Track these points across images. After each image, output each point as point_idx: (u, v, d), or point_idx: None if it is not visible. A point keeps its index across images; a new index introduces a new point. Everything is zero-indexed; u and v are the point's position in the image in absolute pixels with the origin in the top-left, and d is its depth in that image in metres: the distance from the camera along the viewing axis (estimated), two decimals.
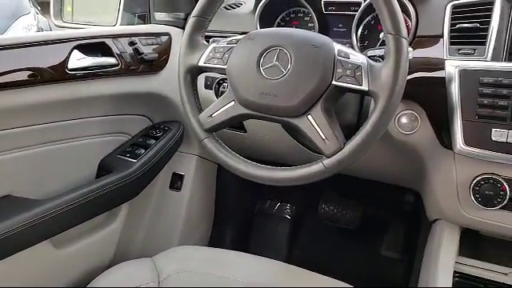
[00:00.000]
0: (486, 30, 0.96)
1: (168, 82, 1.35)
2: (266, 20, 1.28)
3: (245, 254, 1.11)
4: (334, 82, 0.86)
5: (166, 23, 1.42)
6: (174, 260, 1.07)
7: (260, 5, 1.26)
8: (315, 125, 0.87)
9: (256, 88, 0.90)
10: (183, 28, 1.35)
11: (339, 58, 0.86)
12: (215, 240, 1.75)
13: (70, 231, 1.19)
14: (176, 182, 1.57)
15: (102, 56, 1.21)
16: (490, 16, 0.97)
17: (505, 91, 0.91)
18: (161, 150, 1.39)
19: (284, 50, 0.89)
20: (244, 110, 0.93)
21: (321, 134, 0.87)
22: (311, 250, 1.88)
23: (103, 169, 1.32)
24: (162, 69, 1.36)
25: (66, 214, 1.12)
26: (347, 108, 1.09)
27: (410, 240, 1.66)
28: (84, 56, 1.16)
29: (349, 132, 0.89)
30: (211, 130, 0.98)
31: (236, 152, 0.99)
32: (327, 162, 0.87)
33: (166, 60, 1.37)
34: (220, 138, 1.00)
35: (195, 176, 1.57)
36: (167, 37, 1.37)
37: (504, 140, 0.92)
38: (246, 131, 1.35)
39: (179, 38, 1.31)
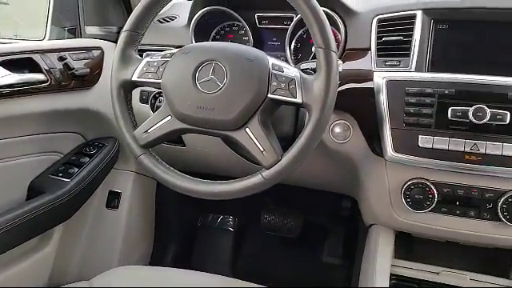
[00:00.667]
0: (409, 42, 1.02)
1: (101, 97, 1.31)
2: (201, 33, 1.28)
3: (186, 270, 1.09)
4: (269, 95, 0.87)
5: (98, 37, 1.38)
6: (113, 282, 1.03)
7: (194, 18, 1.26)
8: (253, 137, 0.88)
9: (192, 102, 0.89)
10: (116, 42, 1.32)
11: (273, 71, 0.88)
12: (157, 258, 1.70)
13: None
14: (113, 200, 1.52)
15: (30, 72, 1.16)
16: (412, 29, 1.03)
17: (428, 100, 0.97)
18: (95, 167, 1.34)
19: (219, 63, 0.89)
20: (181, 125, 0.92)
21: (259, 146, 0.88)
22: (255, 261, 1.89)
23: (34, 190, 1.25)
24: (94, 84, 1.32)
25: None
26: (283, 120, 1.11)
27: (350, 245, 1.71)
28: (9, 73, 1.10)
29: (286, 143, 0.91)
30: (147, 146, 0.96)
31: (175, 167, 0.98)
32: (266, 173, 0.88)
33: (99, 75, 1.33)
34: (157, 153, 0.98)
35: (133, 193, 1.53)
36: (99, 51, 1.34)
37: (430, 146, 0.98)
38: (184, 145, 1.34)
39: (112, 52, 1.28)
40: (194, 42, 1.26)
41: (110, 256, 1.49)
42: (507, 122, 0.92)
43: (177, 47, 0.99)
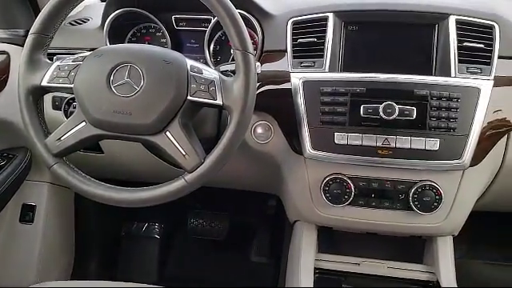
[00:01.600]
0: (323, 44, 1.06)
1: (8, 104, 1.22)
2: (116, 36, 1.24)
3: (110, 282, 1.05)
4: (189, 98, 0.86)
5: (3, 41, 1.29)
6: None
7: (108, 20, 1.21)
8: (174, 141, 0.87)
9: (108, 106, 0.86)
10: (23, 45, 1.24)
11: (192, 73, 0.88)
12: (79, 272, 1.62)
13: None
14: (27, 213, 1.43)
15: None
16: (324, 31, 1.07)
17: (341, 99, 1.02)
18: (6, 180, 1.25)
19: (135, 66, 0.87)
20: (96, 131, 0.89)
21: (180, 149, 0.87)
22: (183, 267, 1.86)
23: None
24: (0, 91, 1.22)
25: None
26: (206, 122, 1.11)
27: (277, 243, 1.75)
28: None
29: (210, 145, 0.91)
30: (61, 155, 0.91)
31: (93, 175, 0.93)
32: (189, 177, 0.87)
33: (5, 81, 1.24)
34: (73, 161, 0.94)
35: (49, 205, 1.45)
36: (5, 55, 1.25)
37: (345, 142, 1.02)
38: (102, 152, 1.29)
39: (18, 57, 1.19)
40: (108, 44, 1.21)
41: (25, 273, 1.40)
42: (414, 117, 0.99)
43: (90, 50, 0.95)
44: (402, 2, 1.07)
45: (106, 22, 1.21)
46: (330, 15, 1.07)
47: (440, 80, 1.00)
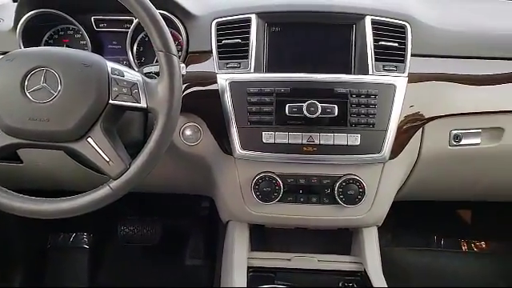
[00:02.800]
0: (247, 44, 1.08)
1: None
2: (32, 38, 1.17)
3: None
4: (111, 101, 0.84)
5: None
6: None
7: (21, 22, 1.14)
8: (96, 147, 0.84)
9: (23, 114, 0.81)
10: None
11: (113, 76, 0.85)
12: (2, 285, 1.52)
13: None
14: None
15: None
16: (248, 32, 1.08)
17: (267, 99, 1.04)
18: None
19: (51, 70, 0.83)
20: (12, 140, 0.84)
21: (104, 156, 0.84)
22: (116, 275, 1.81)
23: None
24: None
25: None
26: (131, 126, 1.08)
27: (211, 244, 1.74)
28: None
29: (137, 149, 0.89)
30: None
31: (12, 187, 0.88)
32: (114, 184, 0.85)
33: None
34: None
35: None
36: None
37: (273, 141, 1.04)
38: (21, 161, 1.21)
39: None
40: (22, 47, 1.14)
41: None
42: (335, 114, 1.03)
43: (1, 54, 0.89)
44: (320, 3, 1.11)
45: (19, 24, 1.14)
46: (253, 16, 1.08)
47: (358, 78, 1.05)
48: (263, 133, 1.04)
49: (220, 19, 1.10)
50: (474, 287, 1.70)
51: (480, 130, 1.15)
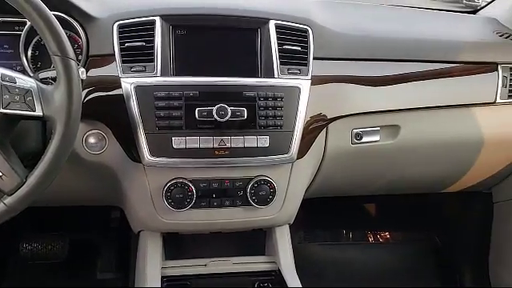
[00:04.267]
0: (152, 48, 1.05)
1: None
2: None
3: None
4: (1, 110, 0.77)
5: None
6: None
7: None
8: None
9: None
10: None
11: (4, 83, 0.78)
12: None
13: None
14: None
15: None
16: (153, 35, 1.05)
17: (176, 103, 1.01)
18: None
19: None
20: None
21: None
22: None
23: None
24: None
25: None
26: (28, 135, 1.00)
27: (124, 256, 1.67)
28: None
29: (36, 161, 0.82)
30: None
31: None
32: (9, 200, 0.78)
33: None
34: None
35: None
36: None
37: (183, 146, 1.02)
38: None
39: None
40: None
41: None
42: (245, 117, 1.04)
43: None
44: (224, 7, 1.11)
45: None
46: (157, 19, 1.06)
47: (265, 81, 1.07)
48: (173, 138, 1.02)
49: (122, 21, 1.06)
50: (380, 275, 1.82)
51: (379, 128, 1.23)
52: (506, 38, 1.34)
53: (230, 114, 1.02)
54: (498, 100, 1.28)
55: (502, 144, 1.35)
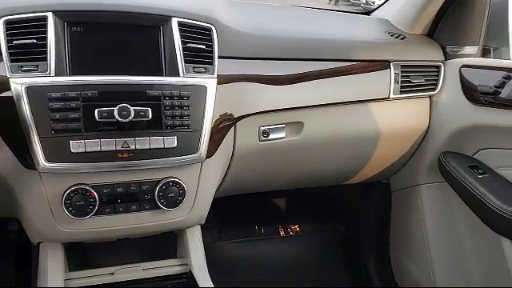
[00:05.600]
0: (45, 45, 0.97)
1: None
2: None
3: None
4: None
5: None
6: None
7: None
8: None
9: None
10: None
11: None
12: None
13: None
14: None
15: None
16: (45, 32, 0.97)
17: (73, 104, 0.95)
18: None
19: None
20: None
21: None
22: None
23: None
24: None
25: None
26: None
27: (24, 270, 1.54)
28: None
29: None
30: None
31: None
32: None
33: None
34: None
35: None
36: None
37: (83, 150, 0.96)
38: None
39: None
40: None
41: None
42: (150, 117, 1.00)
43: None
44: (121, 3, 1.06)
45: None
46: (49, 15, 0.98)
47: (170, 80, 1.04)
48: (71, 142, 0.95)
49: (9, 17, 0.97)
50: (292, 267, 1.87)
51: (284, 125, 1.26)
52: (397, 37, 1.45)
53: (133, 114, 0.98)
54: (391, 95, 1.37)
55: (396, 136, 1.45)
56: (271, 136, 1.25)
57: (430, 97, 1.46)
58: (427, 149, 1.49)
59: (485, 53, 1.53)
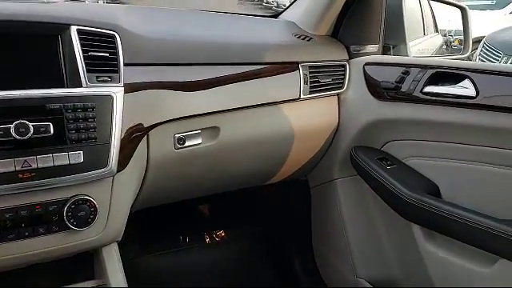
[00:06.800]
0: None
1: None
2: None
3: None
4: None
5: None
6: None
7: None
8: None
9: None
10: None
11: None
12: None
13: None
14: None
15: None
16: None
17: None
18: None
19: None
20: None
21: None
22: None
23: None
24: None
25: None
26: None
27: None
28: None
29: None
30: None
31: None
32: None
33: None
34: None
35: None
36: None
37: None
38: None
39: None
40: None
41: None
42: (52, 132, 0.94)
43: None
44: (13, 11, 0.98)
45: None
46: None
47: (72, 91, 0.98)
48: None
49: None
50: (221, 274, 1.85)
51: (200, 131, 1.24)
52: (303, 39, 1.49)
53: (32, 130, 0.91)
54: (302, 96, 1.41)
55: (310, 135, 1.49)
56: (187, 143, 1.22)
57: (338, 95, 1.51)
58: (339, 144, 1.54)
59: (385, 50, 1.62)
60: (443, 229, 1.28)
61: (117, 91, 1.03)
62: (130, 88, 1.06)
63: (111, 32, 1.07)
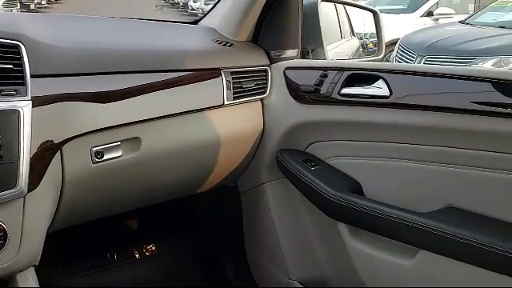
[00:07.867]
0: None
1: None
2: None
3: None
4: None
5: None
6: None
7: None
8: None
9: None
10: None
11: None
12: None
13: None
14: None
15: None
16: None
17: None
18: None
19: None
20: None
21: None
22: None
23: None
24: None
25: None
26: None
27: None
28: None
29: None
30: None
31: None
32: None
33: None
34: None
35: None
36: None
37: None
38: None
39: None
40: None
41: None
42: None
43: None
44: None
45: None
46: None
47: None
48: None
49: None
50: None
51: (119, 143, 1.19)
52: (224, 45, 1.48)
53: None
54: (226, 102, 1.40)
55: (236, 140, 1.49)
56: (106, 156, 1.16)
57: (261, 100, 1.53)
58: (265, 149, 1.56)
59: (304, 54, 1.66)
60: (367, 225, 1.33)
61: (24, 105, 0.96)
62: (39, 101, 0.99)
63: (15, 42, 1.00)
